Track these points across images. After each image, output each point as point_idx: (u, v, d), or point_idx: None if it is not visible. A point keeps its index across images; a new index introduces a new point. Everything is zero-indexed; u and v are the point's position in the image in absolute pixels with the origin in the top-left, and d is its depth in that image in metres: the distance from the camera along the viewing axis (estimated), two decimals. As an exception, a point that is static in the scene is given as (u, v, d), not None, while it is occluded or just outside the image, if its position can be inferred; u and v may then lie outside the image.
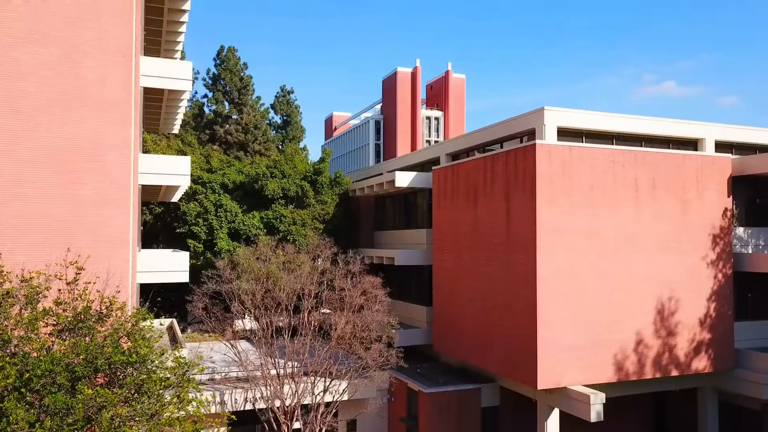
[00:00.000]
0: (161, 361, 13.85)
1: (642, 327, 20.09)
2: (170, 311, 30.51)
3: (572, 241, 19.30)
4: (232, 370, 23.06)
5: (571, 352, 19.09)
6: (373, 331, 20.56)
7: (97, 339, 12.55)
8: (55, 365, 10.95)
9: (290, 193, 30.71)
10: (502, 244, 20.58)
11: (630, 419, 25.11)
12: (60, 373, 10.91)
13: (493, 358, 21.09)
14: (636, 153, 20.29)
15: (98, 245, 16.35)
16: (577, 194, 19.41)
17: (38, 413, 11.13)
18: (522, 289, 19.49)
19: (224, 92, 52.37)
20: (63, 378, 10.88)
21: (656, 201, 20.44)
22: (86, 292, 13.23)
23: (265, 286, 19.75)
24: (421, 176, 26.74)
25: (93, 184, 16.80)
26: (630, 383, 20.61)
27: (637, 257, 20.11)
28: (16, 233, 15.38)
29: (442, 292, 24.71)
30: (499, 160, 20.91)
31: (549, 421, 20.08)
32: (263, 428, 22.99)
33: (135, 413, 12.65)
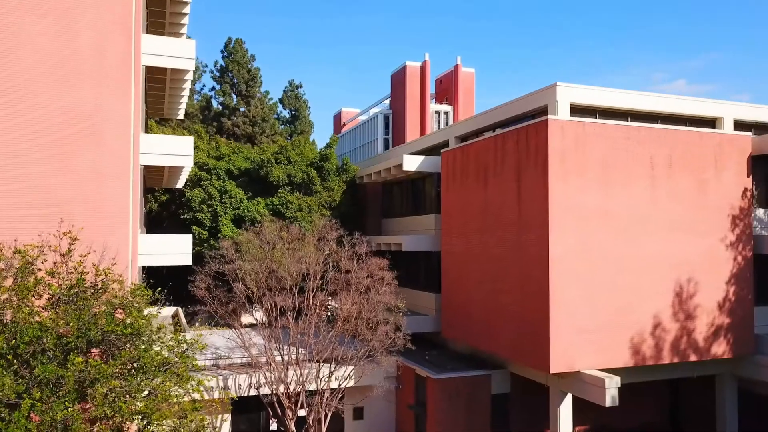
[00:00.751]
0: (159, 337, 13.37)
1: (658, 310, 19.39)
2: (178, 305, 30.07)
3: (586, 220, 18.64)
4: (236, 356, 22.59)
5: (584, 335, 18.44)
6: (380, 313, 19.97)
7: (90, 310, 12.08)
8: (43, 332, 10.47)
9: (296, 179, 30.21)
10: (513, 224, 19.95)
11: (644, 406, 24.42)
12: (48, 340, 10.43)
13: (503, 342, 20.46)
14: (652, 130, 19.59)
15: (97, 221, 15.88)
16: (591, 171, 18.75)
17: (27, 384, 10.65)
18: (533, 270, 18.86)
19: (232, 84, 52.06)
20: (50, 343, 10.39)
21: (672, 180, 19.73)
22: (80, 264, 12.77)
23: (268, 266, 19.23)
24: (430, 160, 26.14)
25: (91, 158, 16.33)
26: (645, 369, 19.91)
27: (652, 238, 19.41)
28: (11, 208, 14.93)
29: (450, 277, 24.11)
30: (510, 138, 20.28)
31: (562, 406, 19.42)
32: (267, 415, 22.50)
33: (131, 388, 12.17)
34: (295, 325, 19.16)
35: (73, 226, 13.52)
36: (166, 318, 22.43)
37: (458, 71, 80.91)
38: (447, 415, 21.47)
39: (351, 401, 23.65)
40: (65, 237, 13.02)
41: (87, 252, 13.34)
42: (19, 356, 10.35)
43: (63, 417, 9.55)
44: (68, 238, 12.91)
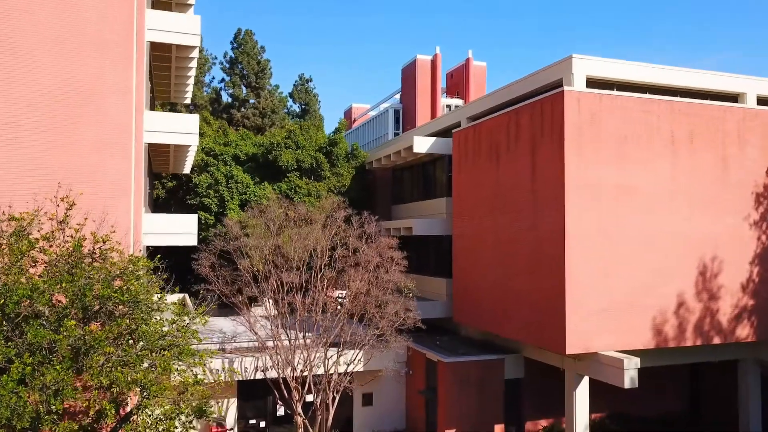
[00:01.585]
0: (159, 308, 12.87)
1: (680, 290, 18.63)
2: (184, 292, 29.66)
3: (603, 197, 17.93)
4: (243, 339, 22.07)
5: (601, 315, 17.72)
6: (390, 294, 19.36)
7: (86, 276, 11.59)
8: (34, 292, 9.97)
9: (305, 164, 29.68)
10: (527, 203, 19.27)
11: (663, 394, 23.64)
12: (40, 301, 9.92)
13: (517, 325, 19.77)
14: (672, 103, 18.83)
15: (98, 193, 15.42)
16: (609, 146, 18.04)
17: (19, 349, 10.15)
18: (548, 248, 18.17)
19: (241, 76, 51.73)
20: (41, 303, 9.88)
21: (694, 156, 18.97)
22: (78, 231, 12.28)
23: (275, 243, 18.67)
24: (441, 141, 25.51)
25: (92, 129, 15.91)
26: (665, 352, 19.15)
27: (673, 215, 18.65)
28: (11, 178, 14.49)
29: (462, 261, 23.46)
30: (524, 114, 19.60)
31: (578, 390, 18.71)
32: (274, 399, 21.97)
33: (128, 358, 11.67)
34: (302, 303, 18.56)
35: (71, 191, 13.02)
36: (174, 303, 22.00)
37: (469, 65, 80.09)
38: (458, 400, 20.82)
39: (360, 387, 23.06)
40: (62, 202, 12.52)
41: (85, 219, 12.84)
42: (9, 318, 9.86)
43: (54, 381, 9.01)
44: (65, 203, 12.41)
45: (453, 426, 20.82)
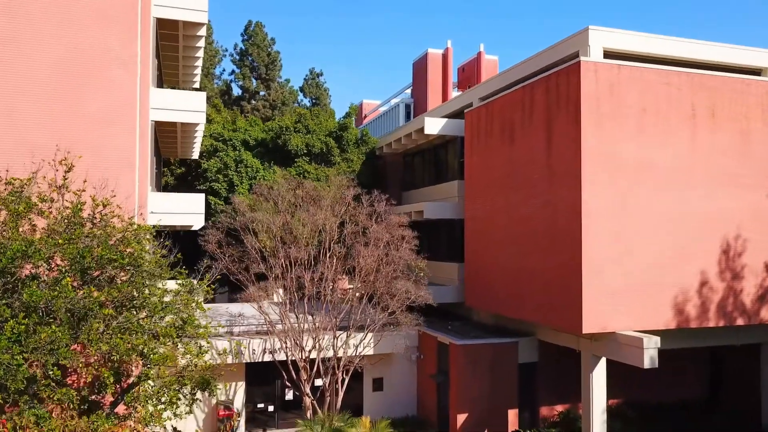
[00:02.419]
0: (161, 273, 12.48)
1: (701, 269, 17.96)
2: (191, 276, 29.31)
3: (622, 171, 17.32)
4: (252, 322, 21.68)
5: (619, 293, 17.11)
6: (401, 272, 18.87)
7: (86, 237, 11.21)
8: (29, 248, 9.58)
9: (315, 149, 29.27)
10: (542, 180, 18.70)
11: (682, 381, 22.95)
12: (36, 257, 9.53)
13: (531, 306, 19.19)
14: (693, 76, 18.17)
15: (101, 165, 15.08)
16: (627, 119, 17.42)
17: (14, 309, 9.78)
18: (564, 225, 17.59)
19: (251, 68, 51.53)
20: (37, 259, 9.49)
21: (715, 130, 18.29)
22: (77, 194, 11.92)
23: (283, 219, 18.23)
24: (453, 123, 24.98)
25: (95, 100, 15.59)
26: (685, 334, 18.47)
27: (694, 192, 17.99)
28: (9, 148, 14.14)
29: (474, 244, 22.90)
30: (538, 88, 19.04)
31: (595, 372, 18.10)
32: (283, 384, 21.55)
33: (129, 325, 11.27)
34: (311, 279, 18.08)
35: (69, 153, 12.65)
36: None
37: (481, 58, 79.28)
38: (471, 384, 20.28)
39: (370, 371, 22.60)
40: (61, 165, 12.15)
41: (84, 182, 12.45)
42: (3, 274, 9.48)
43: (49, 338, 8.61)
44: (64, 166, 12.04)
45: (465, 410, 20.29)
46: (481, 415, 20.33)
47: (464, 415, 20.29)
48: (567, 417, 20.90)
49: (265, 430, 21.71)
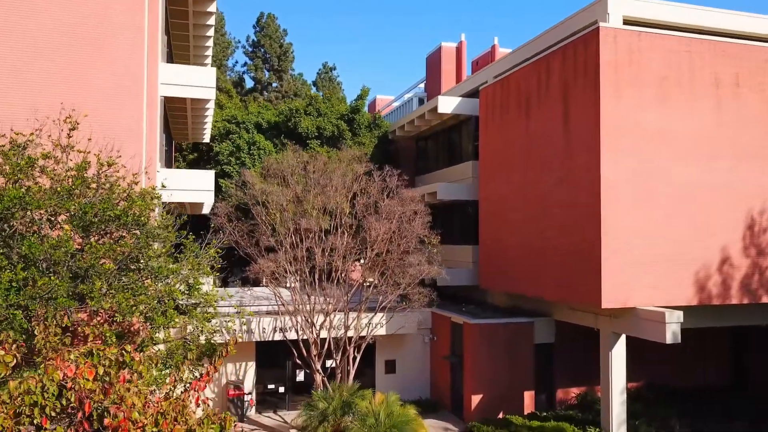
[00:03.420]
0: (167, 235, 12.15)
1: (724, 244, 17.32)
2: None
3: (642, 142, 16.75)
4: (262, 303, 21.33)
5: (640, 268, 16.53)
6: (413, 247, 18.43)
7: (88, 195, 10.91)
8: (28, 195, 9.27)
9: (326, 132, 28.90)
10: (560, 153, 18.16)
11: (705, 364, 22.28)
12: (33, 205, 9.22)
13: (548, 283, 18.64)
14: (716, 44, 17.54)
15: (107, 134, 14.79)
16: (647, 88, 16.84)
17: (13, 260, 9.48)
18: (583, 198, 17.05)
19: (264, 59, 51.41)
20: (35, 206, 9.17)
21: (740, 100, 17.63)
22: (82, 152, 11.62)
23: (293, 191, 17.87)
24: (467, 101, 24.51)
25: (102, 70, 15.33)
26: (707, 312, 17.82)
27: (717, 164, 17.36)
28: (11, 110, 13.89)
29: (489, 224, 22.39)
30: (555, 58, 18.51)
31: (614, 350, 17.52)
32: (294, 365, 21.19)
33: (132, 286, 10.95)
34: (321, 255, 17.69)
35: (74, 110, 12.35)
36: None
37: (495, 51, 78.67)
38: (485, 365, 19.78)
39: (382, 353, 22.21)
40: (65, 124, 11.86)
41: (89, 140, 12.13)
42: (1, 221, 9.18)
43: (47, 286, 8.28)
44: (68, 124, 11.75)
45: (480, 392, 19.80)
46: (495, 397, 19.82)
47: (479, 397, 19.80)
48: (585, 399, 20.32)
49: (276, 412, 21.37)
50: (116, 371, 5.14)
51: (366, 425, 12.88)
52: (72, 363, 5.00)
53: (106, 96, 15.34)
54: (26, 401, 4.70)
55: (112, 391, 4.93)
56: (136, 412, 4.74)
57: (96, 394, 4.83)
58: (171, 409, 4.99)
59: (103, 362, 5.13)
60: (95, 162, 12.10)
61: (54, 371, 4.81)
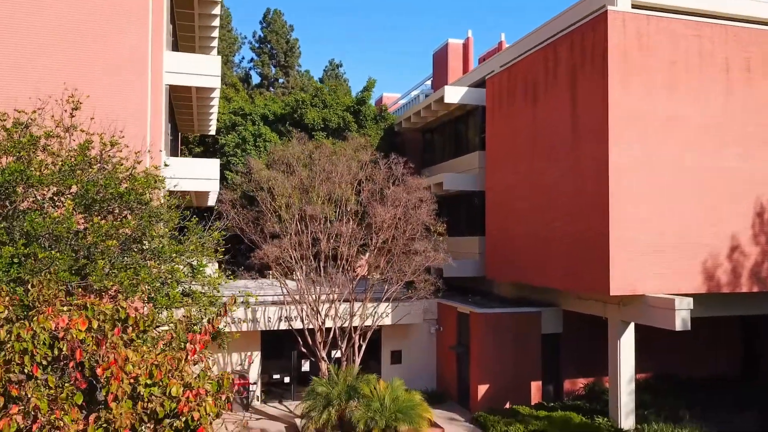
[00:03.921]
0: (171, 216, 12.07)
1: (734, 232, 17.08)
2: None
3: (651, 129, 16.54)
4: (268, 293, 21.23)
5: (648, 255, 16.32)
6: (419, 235, 18.29)
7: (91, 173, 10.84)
8: (27, 170, 9.19)
9: (332, 124, 28.80)
10: (567, 141, 17.98)
11: (715, 354, 22.01)
12: (34, 178, 9.15)
13: (556, 272, 18.46)
14: (727, 28, 17.31)
15: (111, 119, 14.75)
16: (656, 73, 16.63)
17: (15, 236, 9.41)
18: (591, 185, 16.86)
19: (270, 55, 51.36)
20: (36, 180, 9.10)
21: (751, 86, 17.39)
22: (85, 131, 11.55)
23: (298, 177, 17.76)
24: (474, 91, 24.34)
25: (106, 54, 15.30)
26: (716, 301, 17.57)
27: (727, 151, 17.12)
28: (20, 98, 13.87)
29: (495, 215, 22.21)
30: (562, 45, 18.32)
31: (623, 339, 17.31)
32: (299, 354, 21.07)
33: (135, 265, 10.86)
34: (326, 240, 17.58)
35: (76, 90, 12.30)
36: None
37: (502, 48, 78.56)
38: (492, 355, 19.62)
39: (388, 344, 22.08)
40: (67, 104, 11.80)
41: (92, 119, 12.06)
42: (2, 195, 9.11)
43: (49, 259, 8.20)
44: (70, 104, 11.68)
45: (486, 382, 19.64)
46: (502, 388, 19.65)
47: (485, 387, 19.64)
48: (592, 390, 20.13)
49: (281, 402, 21.28)
50: (111, 326, 5.04)
51: (371, 409, 12.75)
52: (65, 314, 4.91)
53: (110, 80, 15.30)
54: (16, 348, 4.61)
55: (105, 342, 4.82)
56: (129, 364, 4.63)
57: (89, 345, 4.73)
58: (166, 362, 4.88)
59: (98, 317, 5.03)
60: (98, 142, 12.05)
61: (46, 320, 4.72)
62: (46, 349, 4.71)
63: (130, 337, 5.09)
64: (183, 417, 4.71)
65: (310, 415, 13.99)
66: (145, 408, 4.73)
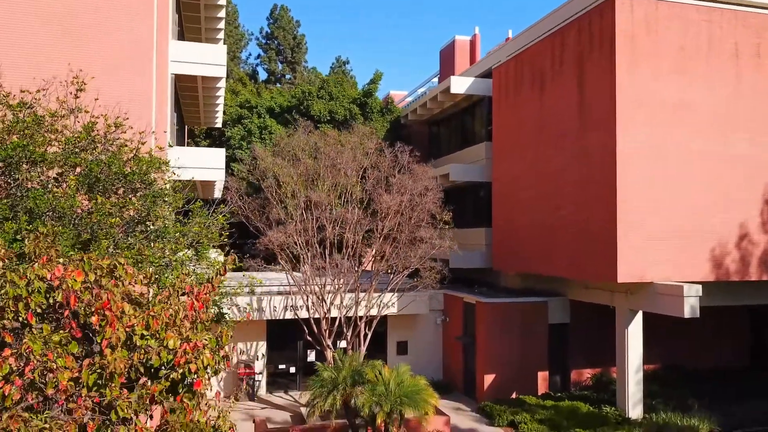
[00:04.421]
0: (176, 198, 12.04)
1: (743, 219, 16.90)
2: None
3: (659, 114, 16.37)
4: (274, 283, 21.20)
5: (656, 242, 16.16)
6: (425, 223, 18.19)
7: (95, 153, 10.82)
8: (32, 146, 9.18)
9: (338, 116, 28.75)
10: (574, 127, 17.83)
11: (722, 344, 21.78)
12: (36, 154, 9.12)
13: (563, 260, 18.31)
14: (737, 13, 17.11)
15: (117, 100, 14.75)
16: (665, 58, 16.46)
17: (18, 214, 9.39)
18: (598, 171, 16.71)
19: (277, 51, 51.38)
20: (38, 155, 9.07)
21: (761, 72, 17.19)
22: (88, 111, 11.54)
23: (304, 165, 17.71)
24: (480, 82, 24.21)
25: (111, 37, 15.28)
26: (725, 289, 17.38)
27: (736, 137, 16.93)
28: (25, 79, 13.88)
29: (502, 204, 22.08)
30: (569, 31, 18.18)
31: (630, 327, 17.15)
32: (305, 343, 21.02)
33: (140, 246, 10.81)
34: (332, 225, 17.50)
35: (81, 71, 12.29)
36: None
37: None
38: (499, 345, 19.49)
39: (394, 334, 22.00)
40: (71, 85, 11.79)
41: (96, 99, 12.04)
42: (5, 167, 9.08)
43: (51, 231, 8.17)
44: (74, 85, 11.67)
45: (493, 372, 19.51)
46: (508, 378, 19.52)
47: (491, 377, 19.51)
48: (600, 380, 19.96)
49: (287, 392, 21.24)
50: (108, 280, 4.99)
51: (375, 394, 12.68)
52: (60, 264, 4.86)
53: (115, 66, 15.28)
54: (10, 293, 4.56)
55: (101, 291, 4.76)
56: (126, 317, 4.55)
57: (84, 293, 4.67)
58: (163, 314, 4.82)
59: (94, 271, 4.98)
60: (103, 123, 12.02)
61: (40, 268, 4.67)
62: (41, 298, 4.66)
63: (126, 291, 5.04)
64: (180, 369, 4.66)
65: (315, 403, 13.94)
66: (141, 359, 4.67)
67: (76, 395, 4.35)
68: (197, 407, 4.82)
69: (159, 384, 4.62)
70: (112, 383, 4.38)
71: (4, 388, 4.19)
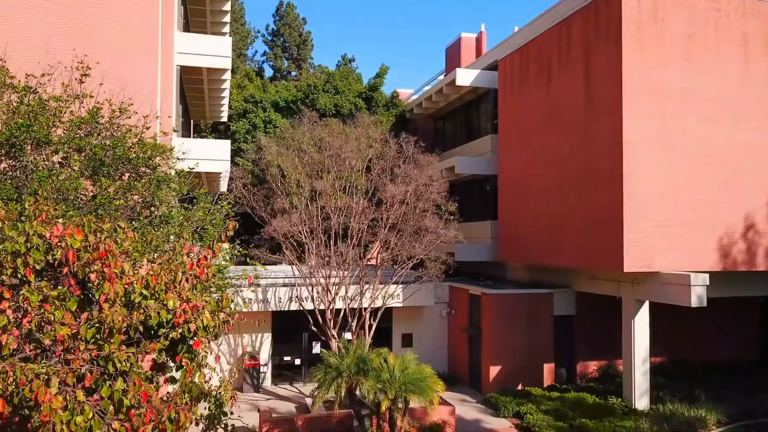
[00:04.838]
0: (180, 185, 12.04)
1: (751, 208, 16.77)
2: None
3: (666, 102, 16.26)
4: (279, 275, 21.19)
5: (663, 231, 16.04)
6: (430, 214, 18.12)
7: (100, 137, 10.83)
8: (36, 125, 9.19)
9: (344, 110, 28.72)
10: (580, 117, 17.73)
11: (729, 337, 21.57)
12: (41, 134, 9.13)
13: (569, 250, 18.21)
14: (745, 2, 16.97)
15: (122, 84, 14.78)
16: (672, 46, 16.34)
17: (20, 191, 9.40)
18: (604, 159, 16.61)
19: (283, 48, 51.42)
20: (42, 135, 9.08)
21: (769, 60, 17.04)
22: (93, 96, 11.54)
23: (308, 156, 17.69)
24: (486, 74, 24.12)
25: (116, 29, 15.33)
26: (733, 280, 17.22)
27: (745, 125, 16.80)
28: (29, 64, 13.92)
29: (508, 197, 21.99)
30: (576, 20, 18.08)
31: (637, 318, 17.03)
32: (311, 336, 20.99)
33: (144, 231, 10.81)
34: (336, 213, 17.46)
35: (86, 56, 12.30)
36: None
37: (516, 42, 78.24)
38: (504, 336, 19.40)
39: (400, 326, 21.94)
40: (76, 71, 11.80)
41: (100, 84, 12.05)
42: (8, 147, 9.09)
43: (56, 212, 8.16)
44: (79, 70, 11.68)
45: (498, 364, 19.43)
46: (514, 370, 19.43)
47: (497, 369, 19.43)
48: (606, 372, 19.84)
49: (292, 384, 21.22)
50: (110, 242, 4.96)
51: (380, 380, 12.63)
52: (60, 223, 4.83)
53: (120, 54, 15.32)
54: (8, 248, 4.54)
55: (99, 244, 4.73)
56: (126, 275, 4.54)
57: (83, 253, 4.65)
58: (163, 273, 4.79)
59: (94, 233, 4.96)
60: (108, 108, 12.03)
61: (39, 225, 4.65)
62: (40, 255, 4.64)
63: (126, 250, 5.02)
64: (179, 329, 4.64)
65: (319, 391, 13.91)
66: (140, 318, 4.65)
67: (73, 348, 4.34)
68: (197, 369, 4.80)
69: (158, 343, 4.60)
70: (111, 339, 4.36)
71: (2, 337, 4.18)
